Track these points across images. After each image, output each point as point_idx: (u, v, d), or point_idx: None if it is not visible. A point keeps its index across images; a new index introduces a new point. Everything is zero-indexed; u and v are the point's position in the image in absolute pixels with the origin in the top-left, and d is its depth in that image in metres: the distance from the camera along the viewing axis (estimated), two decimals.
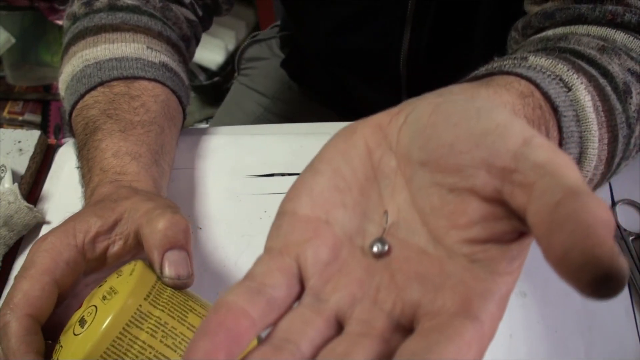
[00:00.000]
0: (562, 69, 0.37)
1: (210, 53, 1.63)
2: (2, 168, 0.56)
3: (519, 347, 0.44)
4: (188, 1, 0.60)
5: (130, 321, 0.32)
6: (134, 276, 0.34)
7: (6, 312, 0.34)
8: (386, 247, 0.26)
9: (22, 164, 0.58)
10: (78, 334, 0.32)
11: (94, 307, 0.33)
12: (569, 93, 0.36)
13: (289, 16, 0.81)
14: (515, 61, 0.38)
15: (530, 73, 0.35)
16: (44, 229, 0.53)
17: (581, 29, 0.44)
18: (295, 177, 0.56)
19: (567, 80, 0.36)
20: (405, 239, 0.26)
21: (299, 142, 0.58)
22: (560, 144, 0.35)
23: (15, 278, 0.36)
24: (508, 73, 0.35)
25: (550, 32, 0.46)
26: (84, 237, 0.37)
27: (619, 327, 0.45)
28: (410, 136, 0.27)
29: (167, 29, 0.56)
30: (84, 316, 0.33)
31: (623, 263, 0.19)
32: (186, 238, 0.36)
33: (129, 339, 0.32)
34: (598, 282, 0.18)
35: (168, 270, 0.35)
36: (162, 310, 0.33)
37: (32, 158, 0.58)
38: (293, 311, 0.25)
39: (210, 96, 1.63)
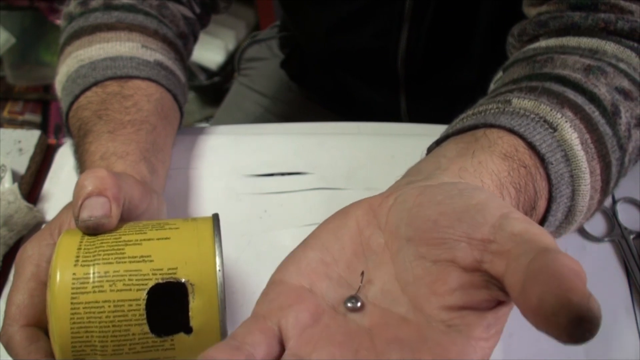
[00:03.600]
0: (545, 109, 0.37)
1: (210, 53, 1.63)
2: (2, 168, 0.56)
3: (519, 346, 0.44)
4: None
5: (73, 294, 0.32)
6: (58, 250, 0.34)
7: (7, 328, 0.35)
8: (359, 304, 0.28)
9: (22, 164, 0.58)
10: (49, 329, 0.33)
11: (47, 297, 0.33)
12: (555, 134, 0.36)
13: (287, 16, 0.80)
14: (499, 105, 0.38)
15: (514, 122, 0.36)
16: None
17: (572, 40, 0.45)
18: (295, 176, 0.56)
19: (551, 120, 0.37)
20: (387, 308, 0.28)
21: (299, 142, 0.58)
22: (550, 190, 0.36)
23: (9, 293, 0.36)
24: (492, 126, 0.36)
25: (542, 44, 0.46)
26: (59, 232, 0.37)
27: (619, 327, 0.45)
28: (398, 215, 0.29)
29: (163, 27, 0.56)
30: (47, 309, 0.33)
31: (595, 305, 0.20)
32: (105, 184, 0.36)
33: (84, 308, 0.31)
34: (573, 325, 0.20)
35: (81, 214, 0.35)
36: (97, 264, 0.33)
37: (32, 158, 0.58)
38: None
39: (210, 96, 1.63)
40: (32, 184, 0.58)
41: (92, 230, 0.35)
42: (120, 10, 0.54)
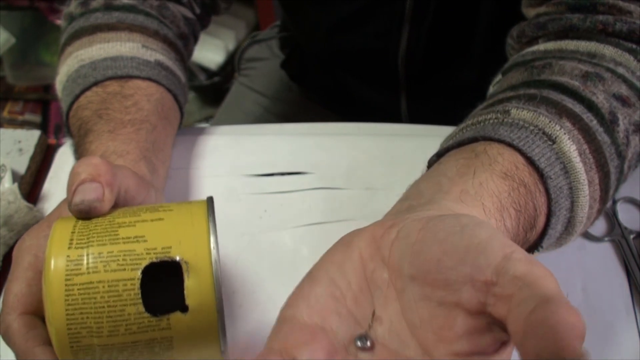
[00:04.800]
0: (544, 120, 0.37)
1: (210, 53, 1.63)
2: (2, 168, 0.56)
3: None
4: None
5: (67, 276, 0.32)
6: (53, 234, 0.34)
7: (5, 317, 0.35)
8: (368, 343, 0.28)
9: (22, 164, 0.58)
10: (44, 313, 0.32)
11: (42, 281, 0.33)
12: (554, 146, 0.36)
13: (287, 17, 0.80)
14: (498, 116, 0.38)
15: (514, 135, 0.36)
16: None
17: (571, 44, 0.45)
18: (295, 176, 0.56)
19: (550, 132, 0.37)
20: (397, 350, 0.28)
21: (299, 142, 0.58)
22: (549, 205, 0.36)
23: (6, 283, 0.37)
24: (491, 139, 0.37)
25: (541, 47, 0.46)
26: None
27: (619, 327, 0.45)
28: (401, 251, 0.29)
29: (164, 28, 0.56)
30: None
31: None
32: (98, 170, 0.36)
33: (79, 289, 0.31)
34: None
35: (74, 199, 0.35)
36: (91, 246, 0.32)
37: (32, 158, 0.58)
38: None
39: (210, 96, 1.63)
40: (32, 184, 0.58)
41: (84, 214, 0.35)
42: (120, 11, 0.54)
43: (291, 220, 0.52)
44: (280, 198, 0.54)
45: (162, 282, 0.32)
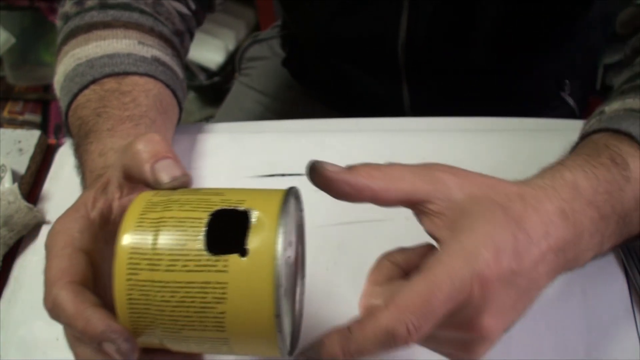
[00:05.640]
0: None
1: (210, 53, 1.63)
2: (2, 168, 0.56)
3: (519, 347, 0.44)
4: None
5: (141, 213, 0.33)
6: (137, 196, 0.35)
7: (50, 290, 0.34)
8: None
9: (22, 164, 0.58)
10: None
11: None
12: None
13: (285, 12, 0.80)
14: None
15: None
16: (44, 229, 0.53)
17: None
18: (295, 177, 0.56)
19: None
20: None
21: (300, 142, 0.58)
22: None
23: (44, 266, 0.36)
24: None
25: None
26: (85, 207, 0.37)
27: (619, 327, 0.45)
28: None
29: (159, 24, 0.56)
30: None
31: None
32: (164, 147, 0.37)
33: (149, 222, 0.33)
34: None
35: (163, 177, 0.36)
36: (173, 194, 0.35)
37: (32, 158, 0.59)
38: None
39: (210, 96, 1.63)
40: (32, 184, 0.58)
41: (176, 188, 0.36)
42: (115, 9, 0.54)
43: None
44: None
45: (229, 230, 0.33)
